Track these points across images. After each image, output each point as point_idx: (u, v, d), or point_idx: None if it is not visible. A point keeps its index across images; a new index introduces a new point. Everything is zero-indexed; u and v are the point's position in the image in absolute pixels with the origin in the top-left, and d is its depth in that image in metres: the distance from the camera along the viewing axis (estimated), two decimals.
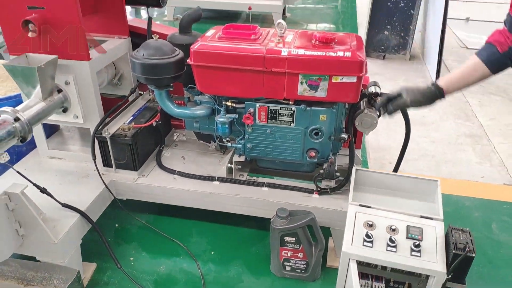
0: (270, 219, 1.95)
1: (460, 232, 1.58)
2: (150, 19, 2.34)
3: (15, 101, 2.25)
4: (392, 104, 1.67)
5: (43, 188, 1.85)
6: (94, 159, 2.08)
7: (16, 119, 1.77)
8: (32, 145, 2.36)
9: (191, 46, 1.83)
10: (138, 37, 2.41)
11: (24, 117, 1.80)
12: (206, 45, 1.87)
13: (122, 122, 2.19)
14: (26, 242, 1.80)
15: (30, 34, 1.91)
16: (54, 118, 2.10)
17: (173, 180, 2.18)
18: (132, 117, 2.25)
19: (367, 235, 1.54)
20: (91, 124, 2.14)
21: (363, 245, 1.53)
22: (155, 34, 1.94)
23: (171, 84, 1.98)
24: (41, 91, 1.92)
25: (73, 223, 1.87)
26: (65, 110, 2.10)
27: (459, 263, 1.47)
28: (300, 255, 1.98)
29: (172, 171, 2.22)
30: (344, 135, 1.95)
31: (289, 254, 1.98)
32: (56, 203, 1.89)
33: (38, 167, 2.23)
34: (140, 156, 2.19)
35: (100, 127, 2.10)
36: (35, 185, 1.82)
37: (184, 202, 2.18)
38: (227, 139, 2.13)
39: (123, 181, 2.17)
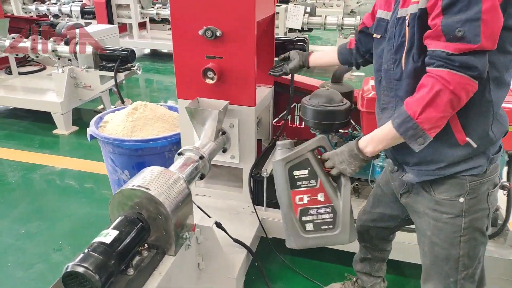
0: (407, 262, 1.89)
1: None
2: None
3: (169, 141, 2.42)
4: None
5: (219, 223, 1.95)
6: (252, 197, 2.19)
7: (201, 157, 1.92)
8: None
9: (364, 94, 1.97)
10: (278, 86, 2.59)
11: (206, 155, 1.94)
12: None
13: (271, 164, 2.30)
14: (202, 276, 1.88)
15: (208, 81, 2.10)
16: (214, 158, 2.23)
17: None
18: None
19: None
20: (244, 164, 2.27)
21: None
22: (327, 84, 2.09)
23: (334, 130, 2.10)
24: (215, 133, 2.07)
25: (243, 259, 1.94)
26: (224, 151, 2.24)
27: None
28: (320, 197, 1.42)
29: None
30: (506, 183, 1.99)
31: (305, 200, 1.43)
32: (226, 238, 1.98)
33: None
34: None
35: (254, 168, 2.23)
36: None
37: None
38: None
39: (273, 220, 2.25)
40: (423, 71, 1.18)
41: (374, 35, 1.46)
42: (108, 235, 1.34)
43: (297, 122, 2.77)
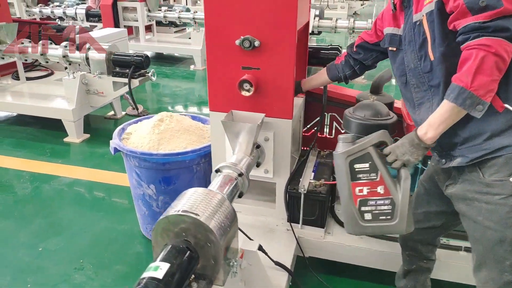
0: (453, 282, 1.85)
1: None
2: None
3: (197, 154, 2.31)
4: None
5: (260, 245, 1.83)
6: (289, 215, 2.08)
7: (240, 174, 1.81)
8: None
9: None
10: (308, 95, 2.49)
11: (245, 172, 1.83)
12: None
13: (307, 178, 2.20)
14: None
15: (244, 93, 1.99)
16: None
17: (360, 240, 2.14)
18: (313, 173, 2.26)
19: None
20: (279, 179, 2.16)
21: None
22: (371, 96, 1.98)
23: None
24: (250, 147, 1.96)
25: (285, 282, 1.83)
26: (258, 165, 2.13)
27: None
28: (380, 189, 1.47)
29: None
30: None
31: (365, 192, 1.49)
32: (265, 259, 1.87)
33: None
34: (327, 213, 2.18)
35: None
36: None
37: (372, 263, 2.13)
38: None
39: (309, 238, 2.14)
40: (450, 52, 1.30)
41: (390, 48, 1.63)
42: (159, 269, 1.22)
43: (327, 132, 2.67)
